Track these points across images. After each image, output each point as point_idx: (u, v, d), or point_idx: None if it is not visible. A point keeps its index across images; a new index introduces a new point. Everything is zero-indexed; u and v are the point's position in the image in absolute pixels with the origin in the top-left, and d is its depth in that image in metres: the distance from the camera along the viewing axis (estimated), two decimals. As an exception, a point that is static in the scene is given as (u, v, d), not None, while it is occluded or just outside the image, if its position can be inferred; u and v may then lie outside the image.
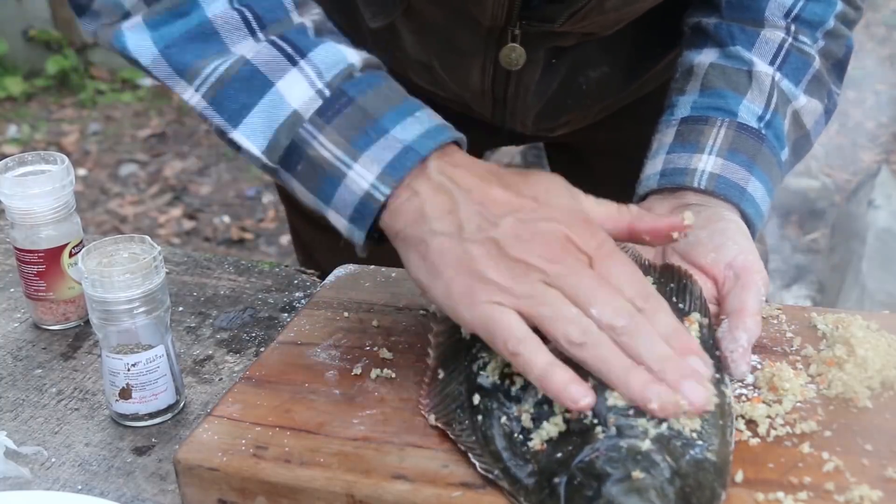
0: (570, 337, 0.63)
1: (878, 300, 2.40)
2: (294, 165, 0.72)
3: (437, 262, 0.68)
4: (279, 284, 0.99)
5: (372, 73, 0.74)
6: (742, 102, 0.85)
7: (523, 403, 0.67)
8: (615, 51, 0.97)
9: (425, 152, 0.70)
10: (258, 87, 0.73)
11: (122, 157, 3.70)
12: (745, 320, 0.72)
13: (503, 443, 0.65)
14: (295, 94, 0.72)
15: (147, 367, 0.78)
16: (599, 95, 1.01)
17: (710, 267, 0.77)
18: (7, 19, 4.34)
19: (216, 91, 0.73)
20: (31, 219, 0.90)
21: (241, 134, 0.73)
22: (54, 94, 4.24)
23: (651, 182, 0.84)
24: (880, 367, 0.70)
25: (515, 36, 0.88)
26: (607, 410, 0.63)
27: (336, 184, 0.71)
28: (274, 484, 0.65)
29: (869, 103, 3.77)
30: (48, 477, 0.75)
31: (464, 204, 0.68)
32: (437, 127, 0.72)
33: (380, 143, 0.70)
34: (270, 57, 0.73)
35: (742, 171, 0.82)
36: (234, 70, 0.73)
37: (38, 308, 0.93)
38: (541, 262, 0.65)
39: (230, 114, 0.73)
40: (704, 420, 0.63)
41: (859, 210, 2.75)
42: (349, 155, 0.70)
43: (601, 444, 0.61)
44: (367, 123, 0.71)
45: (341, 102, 0.72)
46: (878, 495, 0.60)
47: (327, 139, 0.71)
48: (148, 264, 0.76)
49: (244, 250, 3.11)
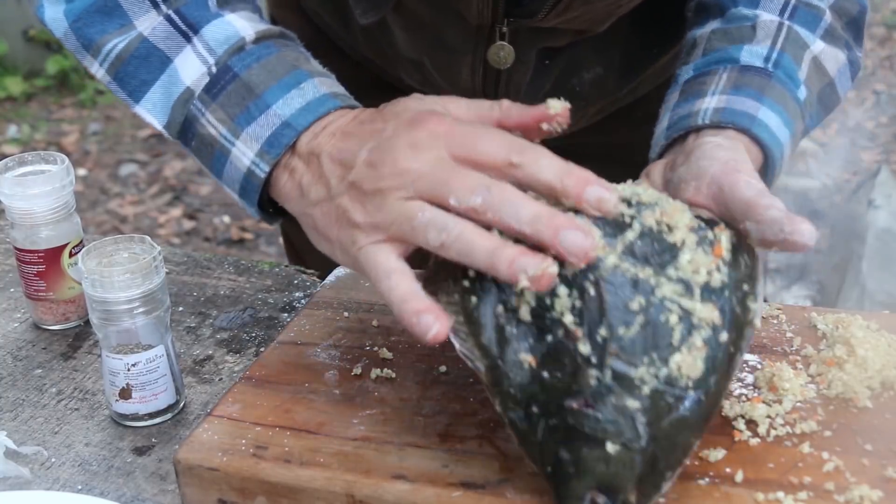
0: (430, 241, 0.62)
1: (878, 300, 2.40)
2: (189, 141, 0.75)
3: (324, 229, 0.68)
4: (279, 284, 0.99)
5: (264, 45, 0.75)
6: (744, 48, 0.80)
7: (524, 293, 0.61)
8: (609, 52, 0.96)
9: (301, 127, 0.70)
10: (157, 64, 0.75)
11: (122, 157, 3.71)
12: (759, 203, 0.65)
13: (493, 335, 0.61)
14: (188, 70, 0.74)
15: (147, 367, 0.78)
16: (593, 97, 1.00)
17: (695, 196, 0.70)
18: (7, 19, 4.34)
19: (117, 68, 0.76)
20: (31, 219, 0.90)
21: (143, 108, 0.76)
22: (54, 94, 4.24)
23: (660, 140, 0.80)
24: (880, 367, 0.70)
25: (503, 34, 0.88)
26: (608, 343, 0.59)
27: (223, 160, 0.73)
28: (274, 484, 0.65)
29: (869, 103, 3.77)
30: (48, 477, 0.75)
31: (326, 162, 0.68)
32: (320, 98, 0.72)
33: (260, 119, 0.71)
34: (166, 34, 0.75)
35: (749, 101, 0.76)
36: (132, 48, 0.75)
37: (38, 308, 0.93)
38: (393, 181, 0.63)
39: (131, 89, 0.76)
40: (710, 357, 0.60)
41: (859, 210, 2.75)
42: (232, 132, 0.72)
43: (588, 391, 0.58)
44: (250, 99, 0.72)
45: (226, 79, 0.73)
46: (878, 495, 0.60)
47: (213, 116, 0.73)
48: (148, 264, 0.76)
49: (244, 250, 3.11)
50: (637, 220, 0.63)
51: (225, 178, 0.74)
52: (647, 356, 0.59)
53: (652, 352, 0.59)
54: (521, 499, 0.62)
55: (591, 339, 0.59)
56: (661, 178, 0.76)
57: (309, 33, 0.93)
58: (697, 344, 0.60)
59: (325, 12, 1.03)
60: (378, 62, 1.03)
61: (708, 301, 0.61)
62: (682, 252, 0.62)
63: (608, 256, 0.61)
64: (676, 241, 0.63)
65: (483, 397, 0.71)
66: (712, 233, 0.64)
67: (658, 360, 0.59)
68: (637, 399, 0.58)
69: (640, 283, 0.60)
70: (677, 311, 0.60)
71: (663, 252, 0.62)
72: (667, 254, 0.62)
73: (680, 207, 0.65)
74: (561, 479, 0.59)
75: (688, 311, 0.60)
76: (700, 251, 0.63)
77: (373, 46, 1.01)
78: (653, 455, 0.58)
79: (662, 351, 0.59)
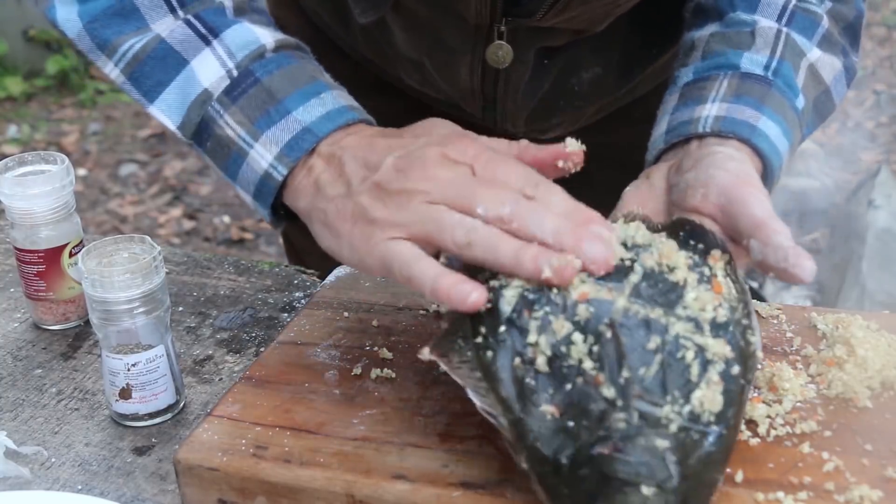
0: (457, 240, 0.63)
1: (878, 300, 2.40)
2: (205, 142, 0.76)
3: (335, 223, 0.69)
4: (279, 284, 0.99)
5: (284, 54, 0.76)
6: (744, 55, 0.81)
7: (539, 343, 0.61)
8: (608, 52, 0.96)
9: (322, 133, 0.72)
10: (173, 65, 0.76)
11: (122, 157, 3.70)
12: (769, 224, 0.67)
13: (512, 388, 0.61)
14: (206, 72, 0.75)
15: (147, 367, 0.78)
16: (592, 97, 1.00)
17: (702, 205, 0.71)
18: (7, 19, 4.34)
19: (133, 68, 0.77)
20: (31, 219, 0.90)
21: (158, 109, 0.77)
22: (54, 94, 4.23)
23: (658, 143, 0.81)
24: (880, 367, 0.70)
25: (502, 33, 0.88)
26: (630, 385, 0.59)
27: (240, 162, 0.74)
28: (274, 484, 0.65)
29: (869, 103, 3.77)
30: (48, 477, 0.75)
31: (349, 162, 0.70)
32: (340, 108, 0.73)
33: (280, 123, 0.73)
34: (184, 36, 0.76)
35: (750, 110, 0.77)
36: (150, 48, 0.76)
37: (38, 308, 0.93)
38: (419, 185, 0.65)
39: (146, 89, 0.77)
40: (727, 391, 0.60)
41: (859, 210, 2.75)
42: (251, 135, 0.73)
43: (617, 435, 0.58)
44: (270, 104, 0.73)
45: (248, 83, 0.74)
46: (878, 495, 0.60)
47: (232, 118, 0.74)
48: (148, 264, 0.76)
49: (244, 250, 3.11)
50: (638, 263, 0.64)
51: (240, 180, 0.74)
52: (669, 395, 0.59)
53: (674, 390, 0.60)
54: (521, 499, 0.62)
55: (613, 383, 0.60)
56: (665, 182, 0.77)
57: (308, 33, 0.93)
58: (714, 379, 0.61)
59: (325, 12, 1.04)
60: (377, 62, 1.03)
61: (718, 336, 0.62)
62: (687, 291, 0.64)
63: (617, 300, 0.62)
64: (679, 281, 0.64)
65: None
66: (707, 268, 0.66)
67: (681, 398, 0.60)
68: (665, 438, 0.58)
69: (653, 324, 0.61)
70: (693, 347, 0.61)
71: (668, 292, 0.63)
72: (672, 293, 0.63)
73: (674, 247, 0.66)
74: None
75: (701, 348, 0.61)
76: (702, 288, 0.64)
77: (372, 46, 1.01)
78: (684, 495, 0.58)
79: (683, 388, 0.60)
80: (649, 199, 0.77)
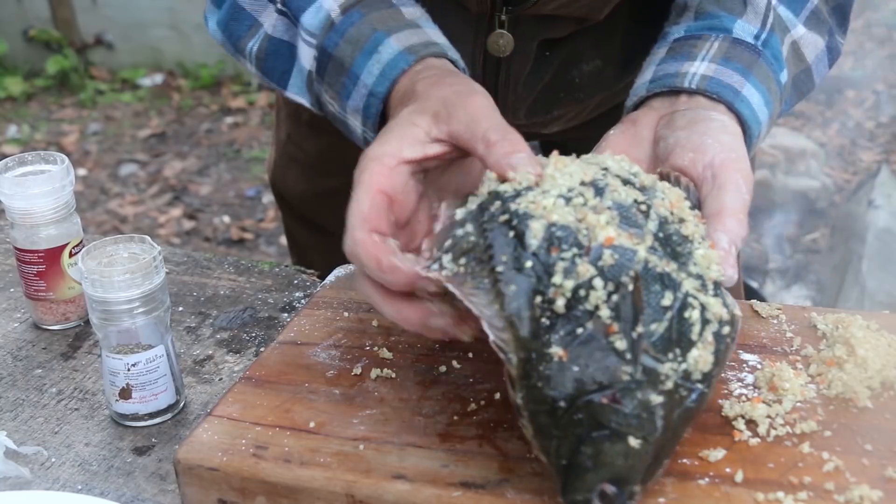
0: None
1: (878, 300, 2.40)
2: (327, 116, 0.82)
3: None
4: (279, 284, 0.99)
5: (348, 16, 0.79)
6: (737, 21, 0.82)
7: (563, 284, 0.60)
8: (608, 44, 0.97)
9: (381, 94, 0.75)
10: (287, 55, 0.83)
11: (122, 157, 3.71)
12: (724, 221, 0.67)
13: (529, 327, 0.60)
14: (305, 56, 0.81)
15: (147, 367, 0.78)
16: (592, 89, 1.01)
17: (688, 168, 0.72)
18: (7, 19, 4.35)
19: (261, 64, 0.85)
20: (31, 219, 0.90)
21: (292, 93, 0.84)
22: (54, 94, 4.24)
23: (640, 90, 0.81)
24: (880, 367, 0.70)
25: (503, 22, 0.90)
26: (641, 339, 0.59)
27: (352, 132, 0.80)
28: (274, 484, 0.65)
29: (869, 103, 3.77)
30: (48, 477, 0.75)
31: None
32: (394, 58, 0.75)
33: (354, 93, 0.77)
34: (285, 26, 0.83)
35: (736, 75, 0.77)
36: (265, 47, 0.84)
37: (38, 308, 0.93)
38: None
39: (277, 79, 0.85)
40: (716, 351, 0.61)
41: (859, 210, 2.75)
42: (342, 108, 0.78)
43: (619, 386, 0.58)
44: (343, 74, 0.77)
45: (325, 59, 0.79)
46: (878, 495, 0.60)
47: (327, 96, 0.80)
48: (148, 264, 0.76)
49: (244, 250, 3.11)
50: (652, 210, 0.64)
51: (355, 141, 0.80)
52: (671, 352, 0.60)
53: (676, 347, 0.60)
54: (521, 499, 0.62)
55: (626, 336, 0.59)
56: (653, 132, 0.77)
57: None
58: (709, 339, 0.61)
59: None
60: None
61: (717, 296, 0.63)
62: (695, 246, 0.64)
63: (639, 249, 0.61)
64: (689, 235, 0.64)
65: (483, 397, 0.71)
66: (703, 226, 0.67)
67: (680, 356, 0.60)
68: (660, 394, 0.59)
69: (666, 279, 0.61)
70: (698, 307, 0.61)
71: (680, 245, 0.64)
72: (683, 247, 0.64)
73: (681, 195, 0.67)
74: (576, 472, 0.59)
75: (704, 307, 0.62)
76: (706, 245, 0.65)
77: None
78: (660, 446, 0.59)
79: (685, 347, 0.60)
80: (633, 145, 0.76)
